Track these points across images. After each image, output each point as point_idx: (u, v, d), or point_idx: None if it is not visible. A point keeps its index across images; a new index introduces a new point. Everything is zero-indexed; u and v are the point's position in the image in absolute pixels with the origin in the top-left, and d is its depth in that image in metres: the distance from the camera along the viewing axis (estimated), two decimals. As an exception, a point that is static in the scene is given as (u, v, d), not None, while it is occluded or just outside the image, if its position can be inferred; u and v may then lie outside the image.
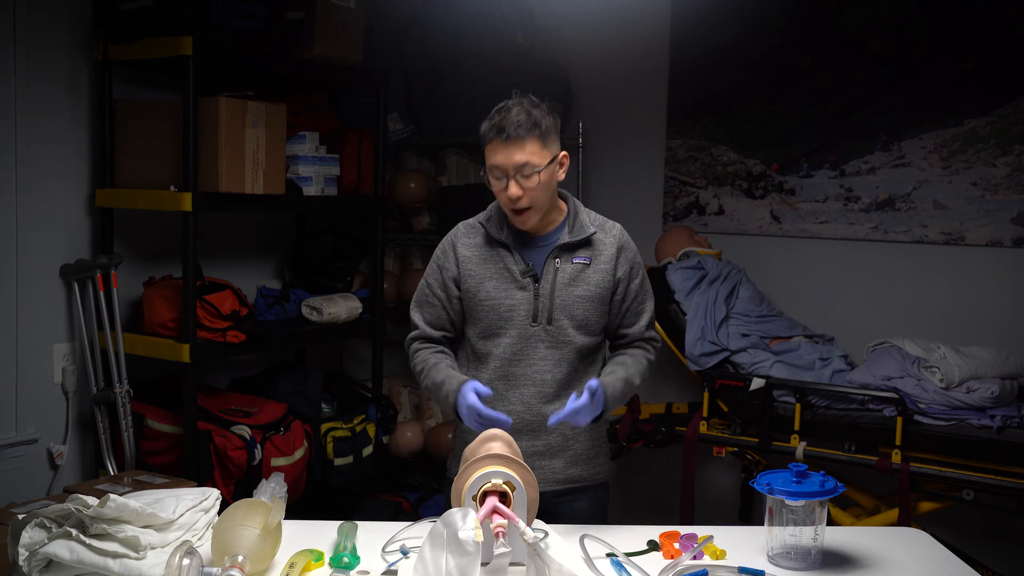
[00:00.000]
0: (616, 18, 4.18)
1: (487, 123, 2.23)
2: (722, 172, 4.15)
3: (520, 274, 2.28)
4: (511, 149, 2.18)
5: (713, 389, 3.44)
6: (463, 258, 2.32)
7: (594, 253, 2.31)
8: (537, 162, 2.19)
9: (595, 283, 2.30)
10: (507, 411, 2.27)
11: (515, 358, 2.29)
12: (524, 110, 2.20)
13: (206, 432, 3.22)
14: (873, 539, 2.16)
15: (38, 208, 3.24)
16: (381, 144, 3.90)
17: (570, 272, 2.29)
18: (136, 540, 1.77)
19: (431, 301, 2.37)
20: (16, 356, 3.21)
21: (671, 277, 3.68)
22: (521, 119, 2.18)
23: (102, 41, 3.28)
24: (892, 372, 3.22)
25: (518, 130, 2.17)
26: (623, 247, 2.35)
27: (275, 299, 3.78)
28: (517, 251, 2.30)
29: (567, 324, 2.28)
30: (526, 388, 2.29)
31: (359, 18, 3.66)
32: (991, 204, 3.55)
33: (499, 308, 2.28)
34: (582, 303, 2.29)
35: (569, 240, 2.30)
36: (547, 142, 2.22)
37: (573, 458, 2.34)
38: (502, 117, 2.20)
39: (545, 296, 2.27)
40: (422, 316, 2.38)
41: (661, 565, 1.95)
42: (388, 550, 2.00)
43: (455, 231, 2.39)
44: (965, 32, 3.57)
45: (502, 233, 2.31)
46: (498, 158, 2.20)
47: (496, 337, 2.29)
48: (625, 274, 2.33)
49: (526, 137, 2.18)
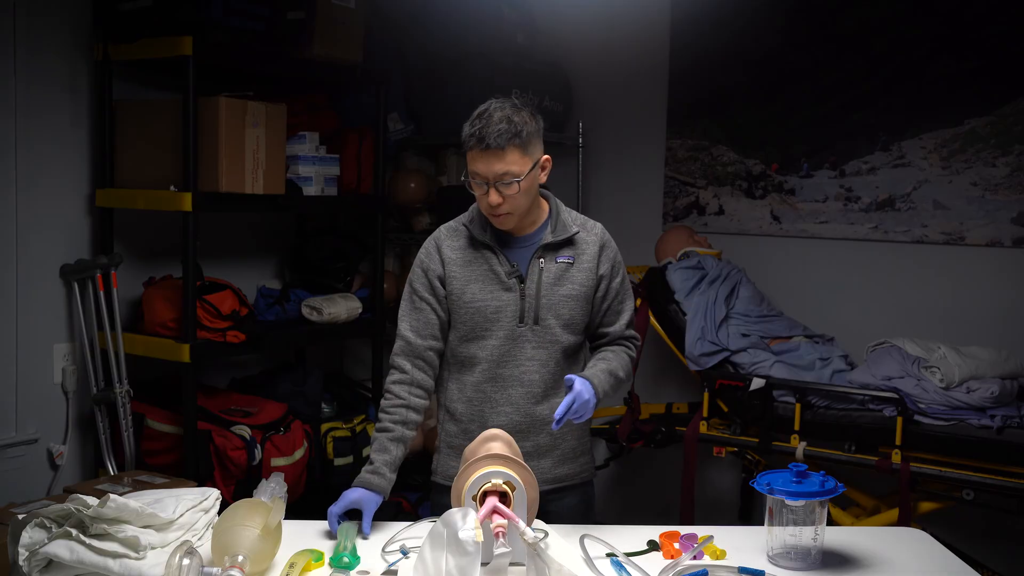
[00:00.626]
0: (616, 18, 4.18)
1: (468, 128, 2.20)
2: (722, 172, 4.15)
3: (506, 275, 2.27)
4: (491, 159, 2.16)
5: (713, 389, 3.44)
6: (448, 260, 2.31)
7: (577, 252, 2.31)
8: (517, 171, 2.17)
9: (579, 282, 2.30)
10: (496, 413, 2.28)
11: (502, 359, 2.28)
12: (505, 116, 2.17)
13: (206, 432, 3.23)
14: (873, 539, 2.16)
15: (38, 208, 3.24)
16: (381, 144, 3.90)
17: (555, 271, 2.29)
18: (136, 540, 1.77)
19: (418, 306, 2.32)
20: (16, 356, 3.21)
21: (671, 277, 3.68)
22: (502, 128, 2.15)
23: (102, 41, 3.28)
24: (892, 372, 3.22)
25: (498, 140, 2.14)
26: (605, 245, 2.35)
27: (275, 299, 3.78)
28: (501, 252, 2.29)
29: (554, 323, 2.28)
30: (514, 389, 2.28)
31: (359, 18, 3.66)
32: (991, 204, 3.55)
33: (485, 310, 2.27)
34: (568, 302, 2.29)
35: (552, 240, 2.29)
36: (528, 148, 2.20)
37: (561, 457, 2.34)
38: (483, 125, 2.17)
39: (531, 296, 2.27)
40: (408, 324, 2.33)
41: (661, 565, 1.95)
42: (388, 550, 2.01)
43: (437, 234, 2.37)
44: (965, 32, 3.57)
45: (485, 235, 2.29)
46: (478, 166, 2.18)
47: (481, 339, 2.28)
48: (607, 271, 2.34)
49: (506, 147, 2.15)
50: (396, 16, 4.22)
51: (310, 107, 3.85)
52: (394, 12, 4.20)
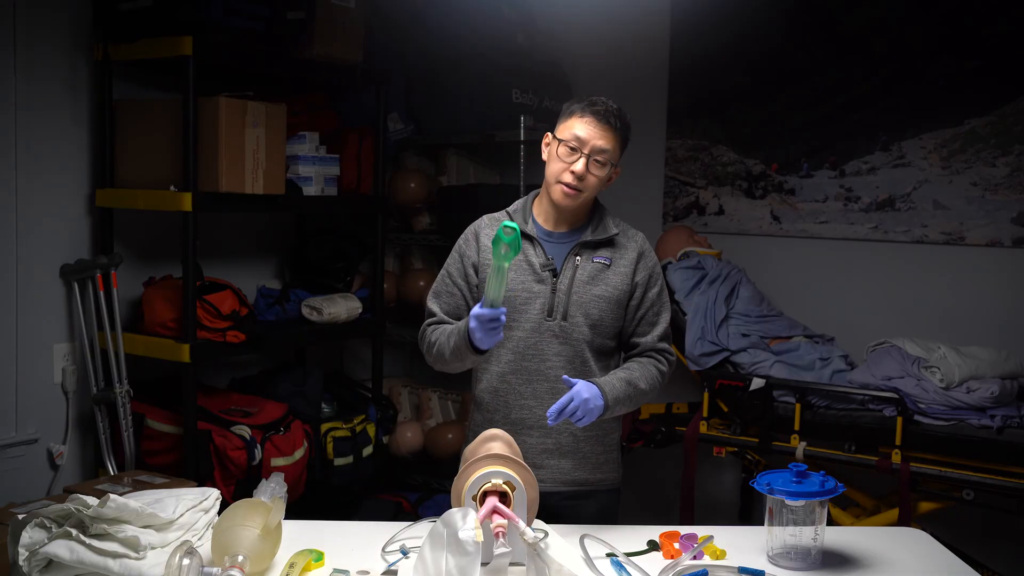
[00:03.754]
0: (616, 18, 4.17)
1: (581, 100, 2.28)
2: (722, 172, 4.14)
3: (540, 267, 2.29)
4: (600, 130, 2.24)
5: (713, 389, 3.44)
6: (484, 247, 2.33)
7: (615, 255, 2.33)
8: (612, 155, 2.26)
9: (613, 284, 2.31)
10: (520, 406, 2.29)
11: (528, 352, 2.29)
12: (619, 107, 2.29)
13: (206, 432, 3.22)
14: (873, 539, 2.16)
15: (38, 208, 3.24)
16: (381, 144, 3.90)
17: (590, 270, 2.30)
18: (136, 540, 1.77)
19: (451, 291, 2.37)
20: (16, 356, 3.21)
21: (671, 277, 3.68)
22: (616, 111, 2.26)
23: (102, 41, 3.27)
24: (892, 372, 3.22)
25: (613, 119, 2.25)
26: (643, 254, 2.37)
27: (275, 299, 3.78)
28: (540, 244, 2.31)
29: (581, 321, 2.28)
30: (539, 384, 2.29)
31: (359, 18, 3.66)
32: (991, 204, 3.55)
33: (515, 299, 2.28)
34: (598, 302, 2.29)
35: (592, 238, 2.32)
36: (623, 145, 2.31)
37: (582, 460, 2.33)
38: (600, 102, 2.26)
39: (563, 291, 2.28)
40: (439, 305, 2.37)
41: (661, 565, 1.95)
42: (388, 550, 2.01)
43: (479, 222, 2.41)
44: (965, 32, 3.57)
45: (527, 225, 2.33)
46: (585, 131, 2.24)
47: (508, 329, 2.27)
48: (643, 280, 2.34)
49: (616, 128, 2.26)
50: (396, 16, 4.22)
51: (310, 107, 3.85)
52: (394, 12, 4.20)
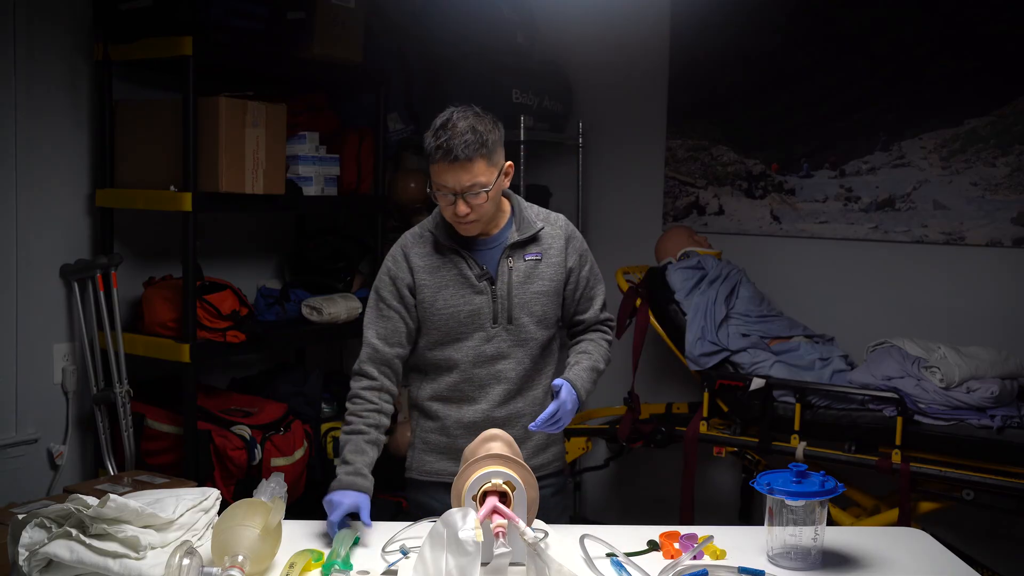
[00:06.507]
0: (616, 18, 4.18)
1: (432, 140, 2.15)
2: (722, 172, 4.14)
3: (476, 278, 2.28)
4: (458, 171, 2.13)
5: (713, 389, 3.44)
6: (416, 268, 2.29)
7: (544, 248, 2.32)
8: (485, 181, 2.16)
9: (548, 277, 2.32)
10: (474, 411, 2.30)
11: (478, 361, 2.29)
12: (469, 126, 2.13)
13: (206, 432, 3.22)
14: (873, 539, 2.16)
15: (38, 208, 3.24)
16: (381, 144, 3.90)
17: (524, 270, 2.30)
18: (136, 540, 1.77)
19: (386, 314, 2.30)
20: (16, 356, 3.21)
21: (671, 277, 3.68)
22: (468, 139, 2.12)
23: (102, 41, 3.27)
24: (892, 372, 3.22)
25: (466, 151, 2.11)
26: (570, 237, 2.37)
27: (275, 299, 3.78)
28: (470, 255, 2.29)
29: (527, 321, 2.29)
30: (492, 388, 2.30)
31: (359, 18, 3.66)
32: (991, 204, 3.55)
33: (459, 315, 2.27)
34: (539, 298, 2.30)
35: (518, 238, 2.30)
36: (493, 157, 2.18)
37: (534, 448, 2.36)
38: (448, 136, 2.13)
39: (503, 297, 2.28)
40: (375, 331, 2.30)
41: (661, 565, 1.95)
42: (388, 550, 2.01)
43: (403, 240, 2.35)
44: (965, 32, 3.57)
45: (452, 240, 2.29)
46: (446, 179, 2.15)
47: (457, 343, 2.28)
48: (576, 263, 2.36)
49: (474, 158, 2.13)
50: (396, 16, 4.22)
51: (310, 107, 3.85)
52: (394, 12, 4.20)
